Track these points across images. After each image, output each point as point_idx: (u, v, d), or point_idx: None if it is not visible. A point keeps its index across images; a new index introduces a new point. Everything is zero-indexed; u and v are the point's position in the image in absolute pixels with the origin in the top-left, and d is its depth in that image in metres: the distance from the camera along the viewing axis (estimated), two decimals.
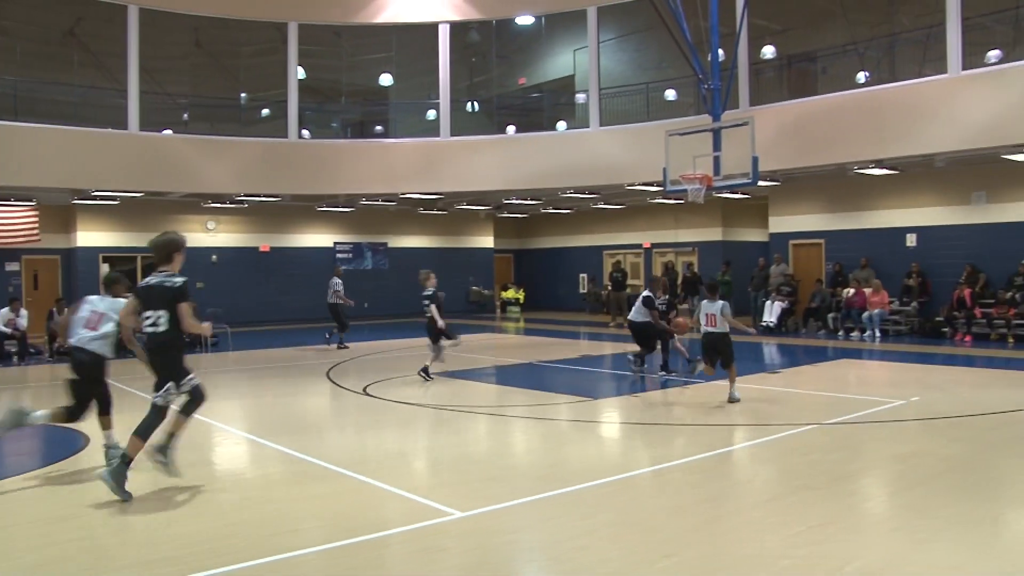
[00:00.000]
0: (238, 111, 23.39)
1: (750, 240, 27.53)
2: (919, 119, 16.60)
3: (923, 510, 6.04)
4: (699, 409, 10.84)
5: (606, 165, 21.03)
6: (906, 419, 9.45)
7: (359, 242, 29.26)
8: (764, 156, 16.17)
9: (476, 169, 22.28)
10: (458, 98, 23.83)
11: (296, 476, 7.43)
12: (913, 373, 13.50)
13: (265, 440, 8.89)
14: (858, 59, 19.22)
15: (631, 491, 6.83)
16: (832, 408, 10.36)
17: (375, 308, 28.76)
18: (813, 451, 7.94)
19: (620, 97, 21.95)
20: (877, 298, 19.49)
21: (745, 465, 7.81)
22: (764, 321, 21.27)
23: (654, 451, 8.45)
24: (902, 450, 7.96)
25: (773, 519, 5.90)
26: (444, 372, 14.38)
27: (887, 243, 20.79)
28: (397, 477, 7.28)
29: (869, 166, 18.24)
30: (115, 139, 20.02)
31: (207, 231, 26.05)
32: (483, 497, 6.54)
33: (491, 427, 9.77)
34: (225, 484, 7.27)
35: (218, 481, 7.38)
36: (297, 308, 27.14)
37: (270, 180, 21.98)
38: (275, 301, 27.11)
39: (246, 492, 6.95)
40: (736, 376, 11.06)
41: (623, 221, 29.89)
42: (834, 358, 16.12)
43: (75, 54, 21.34)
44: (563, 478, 7.10)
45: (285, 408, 11.28)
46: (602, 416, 10.41)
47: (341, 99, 24.93)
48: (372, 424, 9.95)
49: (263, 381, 13.75)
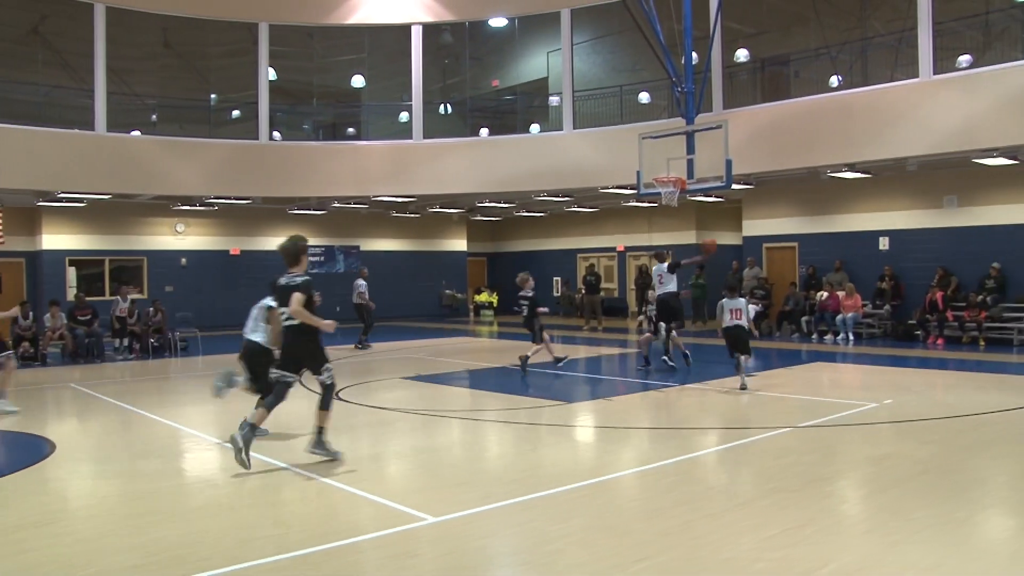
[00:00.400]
0: (208, 112, 23.20)
1: (724, 243, 27.63)
2: (891, 123, 16.79)
3: (897, 512, 6.08)
4: (674, 412, 10.86)
5: (579, 168, 21.08)
6: (880, 422, 9.53)
7: (331, 245, 29.11)
8: (738, 159, 16.28)
9: (449, 172, 22.24)
10: (431, 100, 23.79)
11: (267, 482, 7.35)
12: (886, 376, 13.61)
13: None
14: (831, 63, 19.42)
15: (605, 495, 6.82)
16: (806, 411, 10.43)
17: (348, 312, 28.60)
18: (788, 454, 7.98)
19: (594, 100, 22.00)
20: (850, 301, 19.66)
21: (720, 468, 7.83)
22: None
23: (628, 455, 8.45)
24: (876, 452, 8.02)
25: (748, 522, 5.91)
26: (418, 376, 14.33)
27: (860, 246, 21.00)
28: (370, 482, 7.23)
29: (842, 169, 18.42)
30: (81, 140, 19.78)
31: (176, 234, 25.79)
32: (456, 502, 6.51)
33: (464, 431, 9.73)
34: (194, 490, 7.19)
35: (187, 487, 7.29)
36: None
37: (240, 182, 21.83)
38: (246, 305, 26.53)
39: (215, 498, 6.87)
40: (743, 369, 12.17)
41: (597, 224, 29.97)
42: (808, 361, 16.24)
43: (40, 53, 21.06)
44: (537, 482, 7.08)
45: None
46: (576, 420, 10.40)
47: (312, 101, 24.81)
48: (345, 428, 9.86)
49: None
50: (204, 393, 12.80)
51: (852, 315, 19.43)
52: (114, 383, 14.08)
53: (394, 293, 30.11)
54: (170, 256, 25.45)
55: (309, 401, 12.02)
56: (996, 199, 18.84)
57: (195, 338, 19.71)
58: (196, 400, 12.24)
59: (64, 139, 19.57)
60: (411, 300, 30.20)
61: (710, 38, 18.21)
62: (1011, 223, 18.59)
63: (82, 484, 7.48)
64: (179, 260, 25.66)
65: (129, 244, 24.94)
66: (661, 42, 16.88)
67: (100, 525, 6.16)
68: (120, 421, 10.63)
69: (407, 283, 30.35)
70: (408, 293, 30.28)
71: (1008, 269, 18.44)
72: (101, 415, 11.05)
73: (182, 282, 25.37)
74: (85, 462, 8.29)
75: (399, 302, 30.08)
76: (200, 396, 12.57)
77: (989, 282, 18.42)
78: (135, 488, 7.13)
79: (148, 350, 18.83)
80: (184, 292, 24.97)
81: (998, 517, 6.18)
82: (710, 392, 12.22)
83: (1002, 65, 15.85)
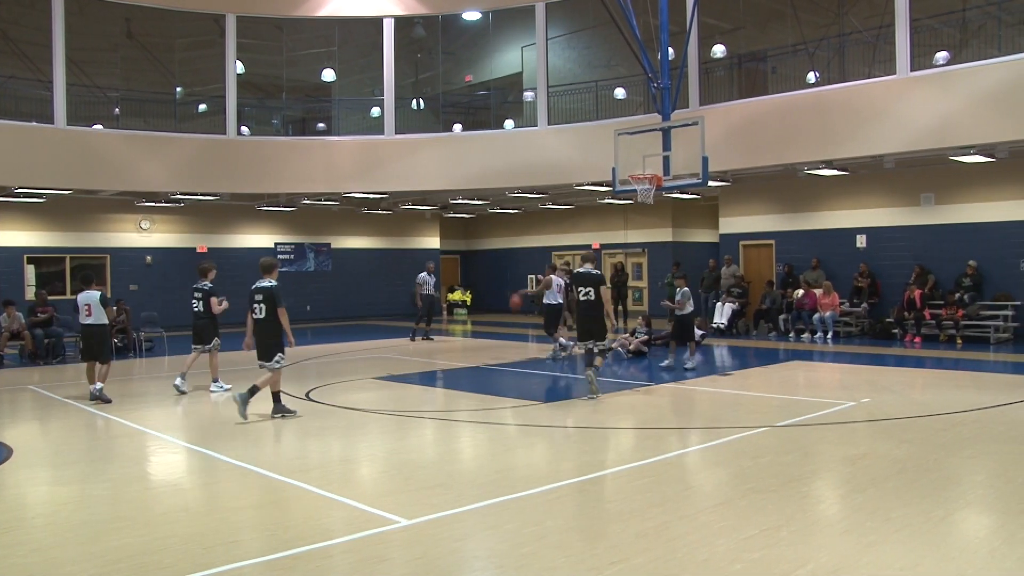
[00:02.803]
0: (173, 106, 22.94)
1: (700, 241, 27.86)
2: (868, 120, 16.95)
3: (874, 511, 6.13)
4: (650, 412, 10.89)
5: (554, 165, 21.10)
6: (857, 421, 9.62)
7: (301, 243, 28.94)
8: (714, 156, 16.36)
9: (421, 168, 22.17)
10: (403, 95, 23.70)
11: (234, 485, 7.29)
12: (864, 375, 13.74)
13: (201, 448, 8.73)
14: (808, 59, 19.57)
15: (579, 497, 6.83)
16: (783, 410, 10.49)
17: (317, 311, 28.49)
18: (764, 454, 8.03)
19: (569, 95, 22.02)
20: (828, 300, 19.83)
21: (695, 468, 7.86)
22: (715, 323, 21.50)
23: (602, 455, 8.47)
24: (853, 452, 8.08)
25: (724, 523, 5.93)
26: (390, 376, 14.28)
27: (837, 244, 21.19)
28: (340, 485, 7.20)
29: (819, 167, 18.57)
30: (40, 133, 19.49)
31: (141, 231, 25.48)
32: (428, 504, 6.49)
33: (437, 432, 9.71)
34: (158, 495, 7.10)
35: (149, 492, 7.20)
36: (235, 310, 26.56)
37: (207, 178, 21.62)
38: None
39: (180, 503, 6.80)
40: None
41: (572, 222, 30.03)
42: (785, 360, 16.36)
43: None
44: (510, 484, 7.08)
45: (223, 414, 11.08)
46: (550, 420, 10.39)
47: (282, 95, 24.63)
48: (315, 430, 9.82)
49: (200, 386, 13.49)
50: (169, 395, 12.69)
51: (829, 313, 19.60)
52: (75, 385, 13.89)
53: (365, 292, 30.03)
54: (134, 254, 25.17)
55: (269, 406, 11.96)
56: (973, 197, 19.09)
57: (160, 338, 19.51)
58: (160, 402, 12.11)
59: (21, 132, 19.27)
60: (383, 299, 30.10)
61: (686, 33, 18.28)
62: (988, 221, 18.83)
63: (40, 490, 7.36)
64: (144, 258, 25.39)
65: (91, 241, 24.62)
66: (637, 37, 16.93)
67: (58, 533, 6.06)
68: (81, 424, 10.49)
69: (379, 282, 30.25)
70: (380, 292, 30.18)
71: (985, 267, 18.68)
72: (61, 418, 10.90)
73: (147, 280, 25.09)
74: (43, 467, 8.16)
75: (370, 301, 29.98)
76: (165, 398, 12.45)
77: (966, 280, 18.66)
78: (96, 493, 7.04)
79: (111, 351, 18.57)
80: (149, 291, 24.70)
81: (975, 516, 6.25)
82: (686, 391, 12.28)
83: (979, 62, 16.04)
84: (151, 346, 19.47)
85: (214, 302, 13.06)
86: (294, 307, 27.80)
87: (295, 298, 27.87)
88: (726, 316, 21.47)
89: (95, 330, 12.19)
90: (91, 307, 12.10)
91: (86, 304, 12.11)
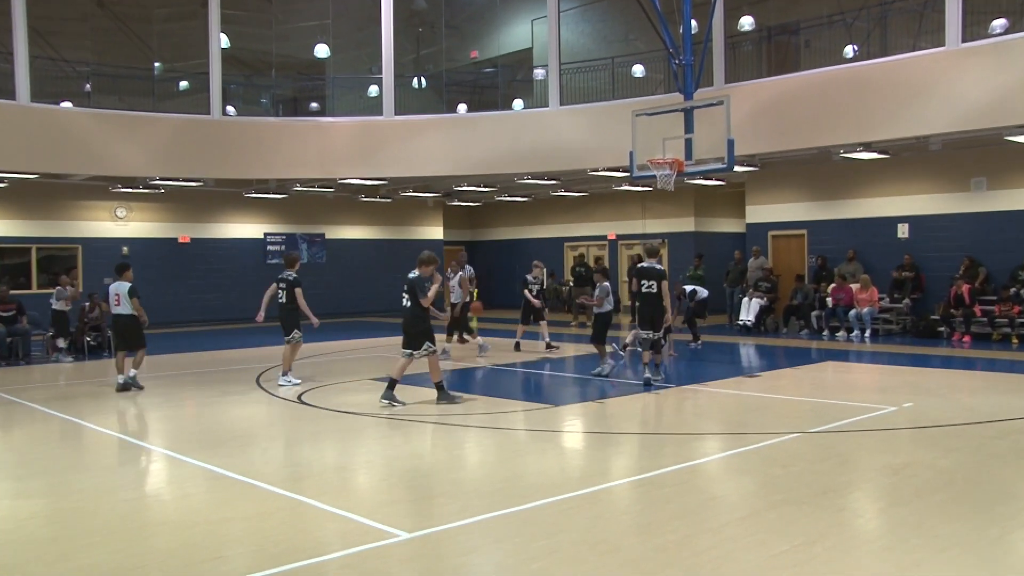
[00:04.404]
0: (151, 83, 22.90)
1: (725, 231, 27.79)
2: (913, 97, 16.81)
3: (919, 527, 6.09)
4: (670, 416, 10.87)
5: (567, 148, 21.05)
6: (898, 427, 9.57)
7: (293, 233, 28.97)
8: (741, 139, 16.28)
9: (423, 152, 22.16)
10: (403, 73, 23.71)
11: (220, 496, 7.30)
12: (906, 377, 13.67)
13: (184, 456, 8.72)
14: (846, 31, 19.45)
15: (595, 507, 6.81)
16: (816, 415, 10.46)
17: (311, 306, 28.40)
18: (796, 462, 8.00)
19: (583, 73, 21.99)
20: (865, 295, 19.74)
21: (721, 478, 7.84)
22: (741, 320, 21.46)
23: (620, 463, 8.46)
24: (894, 461, 8.04)
25: (752, 537, 5.91)
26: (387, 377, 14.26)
27: (876, 234, 21.07)
28: (336, 495, 7.20)
29: (856, 149, 18.48)
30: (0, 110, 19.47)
31: (116, 219, 25.49)
32: (432, 516, 6.50)
33: (440, 438, 9.70)
34: (134, 507, 7.11)
35: (126, 504, 7.20)
36: (222, 307, 26.81)
37: (190, 162, 21.64)
38: (196, 299, 26.73)
39: (160, 516, 6.81)
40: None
41: (586, 210, 29.98)
42: (818, 360, 16.30)
43: None
44: (520, 494, 7.07)
45: (208, 419, 11.10)
46: (563, 425, 10.38)
47: (271, 72, 24.64)
48: (308, 436, 9.82)
49: (182, 389, 13.52)
50: (149, 397, 12.72)
51: (867, 310, 19.51)
52: (43, 388, 13.96)
53: (362, 286, 30.05)
54: (109, 244, 25.16)
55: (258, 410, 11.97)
56: None
57: None
58: (138, 406, 12.13)
59: None
60: (381, 293, 30.08)
61: (711, 4, 18.22)
62: None
63: (1, 505, 7.30)
64: (120, 249, 25.37)
65: (61, 230, 24.60)
66: (657, 9, 16.87)
67: (22, 551, 6.01)
68: (50, 431, 10.50)
69: (377, 275, 30.25)
70: (378, 285, 30.17)
71: None
72: (27, 424, 10.92)
73: None
74: (6, 479, 8.12)
75: (368, 295, 30.00)
76: (142, 401, 12.47)
77: (1022, 273, 18.48)
78: (66, 507, 7.03)
79: (84, 350, 18.61)
80: None
81: None
82: (710, 393, 12.25)
83: None
84: None
85: (298, 293, 13.68)
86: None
87: None
88: (753, 312, 21.42)
89: (124, 320, 13.40)
90: (120, 297, 13.29)
91: (116, 294, 13.33)
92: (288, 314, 13.77)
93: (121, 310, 13.34)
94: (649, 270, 13.03)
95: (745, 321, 21.36)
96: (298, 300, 13.66)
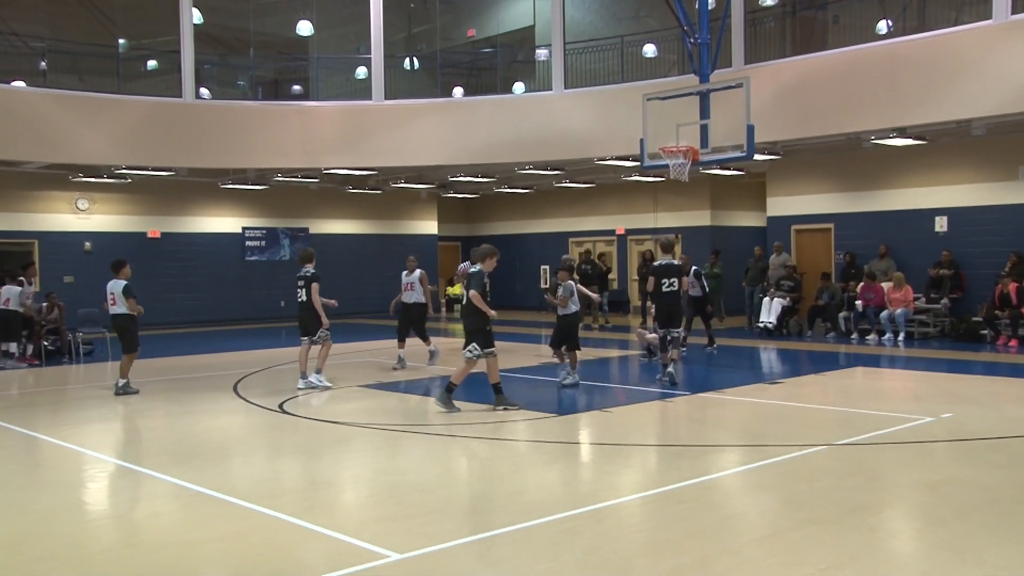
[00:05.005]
0: (116, 62, 22.74)
1: (744, 225, 27.77)
2: (952, 77, 16.72)
3: (961, 551, 6.08)
4: (685, 426, 10.86)
5: (572, 136, 21.05)
6: (936, 440, 9.57)
7: (274, 227, 28.93)
8: (761, 124, 16.28)
9: (416, 140, 22.15)
10: (394, 53, 23.70)
11: (193, 515, 7.29)
12: (944, 384, 13.66)
13: (153, 471, 8.70)
14: (879, 5, 19.42)
15: (602, 526, 6.80)
16: (844, 426, 10.46)
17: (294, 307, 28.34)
18: (822, 477, 7.99)
19: (589, 53, 21.99)
20: (898, 294, 19.70)
21: (739, 494, 7.83)
22: (761, 322, 21.43)
23: (630, 477, 8.45)
24: (932, 477, 8.03)
25: (774, 559, 5.91)
26: (379, 384, 14.28)
27: (911, 228, 21.00)
28: (319, 513, 7.19)
29: (890, 135, 18.45)
30: None
31: (77, 212, 25.33)
32: (424, 535, 6.48)
33: (434, 450, 9.70)
34: (96, 528, 7.10)
35: (87, 525, 7.20)
36: (197, 308, 26.77)
37: (159, 149, 21.60)
38: (168, 299, 26.63)
39: (125, 537, 6.80)
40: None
41: (592, 203, 29.98)
42: (846, 366, 16.32)
43: None
44: (521, 511, 7.07)
45: (180, 431, 11.09)
46: (567, 435, 10.38)
47: (249, 51, 24.61)
48: (289, 448, 9.82)
49: (151, 398, 13.48)
50: (115, 407, 12.70)
51: (900, 311, 19.47)
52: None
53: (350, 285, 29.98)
54: (70, 239, 25.07)
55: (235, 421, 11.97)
56: None
57: (102, 340, 19.39)
58: (102, 417, 12.09)
59: None
60: (371, 293, 30.03)
61: None
62: None
63: None
64: (81, 244, 25.28)
65: (14, 223, 24.44)
66: None
67: None
68: (3, 445, 10.44)
69: (366, 273, 30.23)
70: (367, 285, 30.14)
71: None
72: None
73: (85, 271, 24.90)
74: None
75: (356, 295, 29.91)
76: (107, 411, 12.45)
77: None
78: (21, 528, 6.97)
79: (41, 354, 18.55)
80: (88, 283, 24.40)
81: None
82: (727, 401, 12.25)
83: None
84: (90, 349, 19.40)
85: (315, 289, 13.99)
86: (267, 301, 28.07)
87: (267, 291, 27.95)
88: (775, 314, 21.38)
89: (120, 320, 13.74)
90: (115, 296, 13.60)
91: (111, 292, 13.66)
92: (309, 313, 14.06)
93: (117, 309, 13.60)
94: (669, 267, 13.52)
95: (766, 323, 21.33)
96: (313, 298, 13.91)
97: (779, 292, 21.70)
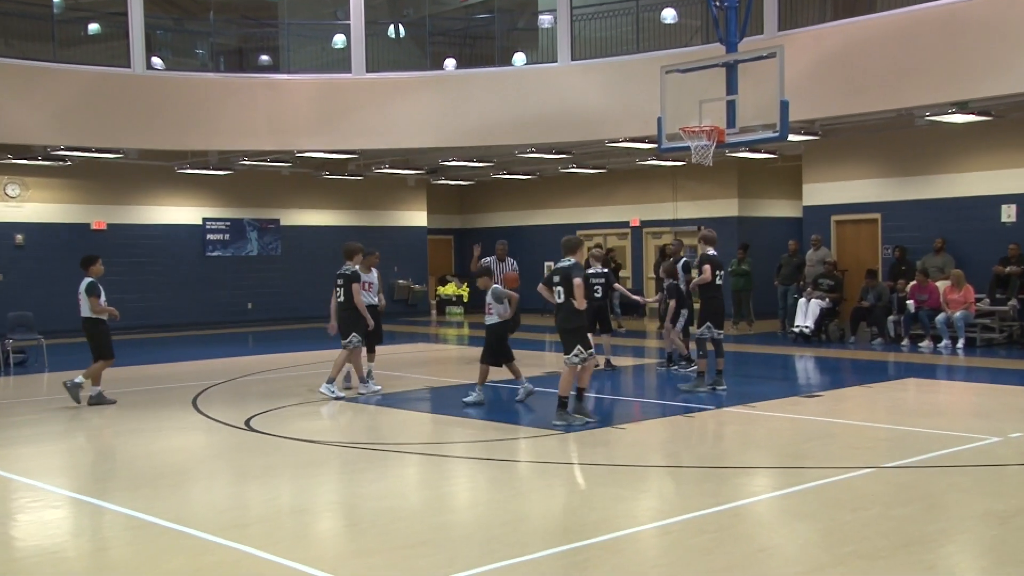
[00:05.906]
0: (51, 24, 22.61)
1: (776, 216, 27.80)
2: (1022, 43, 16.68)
3: None
4: (710, 444, 10.85)
5: (579, 114, 21.08)
6: (1005, 464, 9.56)
7: (240, 218, 28.92)
8: (797, 100, 16.26)
9: (402, 118, 22.20)
10: (376, 19, 23.70)
11: (144, 549, 7.26)
12: (1012, 399, 13.63)
13: (98, 500, 8.69)
14: None
15: (615, 559, 6.79)
16: (895, 446, 10.46)
17: (263, 309, 28.48)
18: (869, 504, 7.98)
19: (599, 20, 22.00)
20: (957, 295, 19.66)
21: (773, 523, 7.82)
22: (797, 326, 21.44)
23: (647, 503, 8.44)
24: (1000, 507, 7.99)
25: None
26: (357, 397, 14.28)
27: (972, 218, 20.99)
28: (291, 545, 7.19)
29: (948, 111, 18.46)
30: None
31: (6, 199, 25.19)
32: (412, 570, 6.49)
33: (422, 472, 9.73)
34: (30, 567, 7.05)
35: (19, 563, 7.16)
36: (150, 311, 26.70)
37: (104, 128, 21.57)
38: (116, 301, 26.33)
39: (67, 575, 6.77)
40: None
41: (603, 191, 30.05)
42: (896, 376, 16.35)
43: None
44: (521, 541, 7.09)
45: (129, 452, 11.09)
46: (575, 455, 10.38)
47: (208, 15, 24.56)
48: (257, 471, 9.80)
49: (96, 414, 13.46)
50: (52, 425, 12.67)
51: (960, 313, 19.43)
52: None
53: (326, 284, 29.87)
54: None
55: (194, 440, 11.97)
56: None
57: (38, 347, 19.34)
58: (37, 437, 12.04)
59: None
60: None
61: None
62: None
63: None
64: (12, 237, 25.22)
65: None
66: None
67: None
68: None
69: None
70: None
71: None
72: None
73: (17, 268, 24.90)
74: None
75: None
76: (42, 430, 12.42)
77: None
78: None
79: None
80: (20, 282, 24.49)
81: None
82: (759, 417, 12.24)
83: None
84: (23, 358, 19.30)
85: (355, 289, 14.22)
86: (232, 303, 28.06)
87: (232, 291, 27.92)
88: (812, 317, 21.40)
89: (84, 324, 13.89)
90: (81, 296, 13.72)
91: (79, 293, 13.78)
92: (347, 315, 14.28)
93: (83, 311, 13.71)
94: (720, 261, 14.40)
95: (802, 327, 21.34)
96: (355, 299, 14.11)
97: (817, 292, 21.72)
